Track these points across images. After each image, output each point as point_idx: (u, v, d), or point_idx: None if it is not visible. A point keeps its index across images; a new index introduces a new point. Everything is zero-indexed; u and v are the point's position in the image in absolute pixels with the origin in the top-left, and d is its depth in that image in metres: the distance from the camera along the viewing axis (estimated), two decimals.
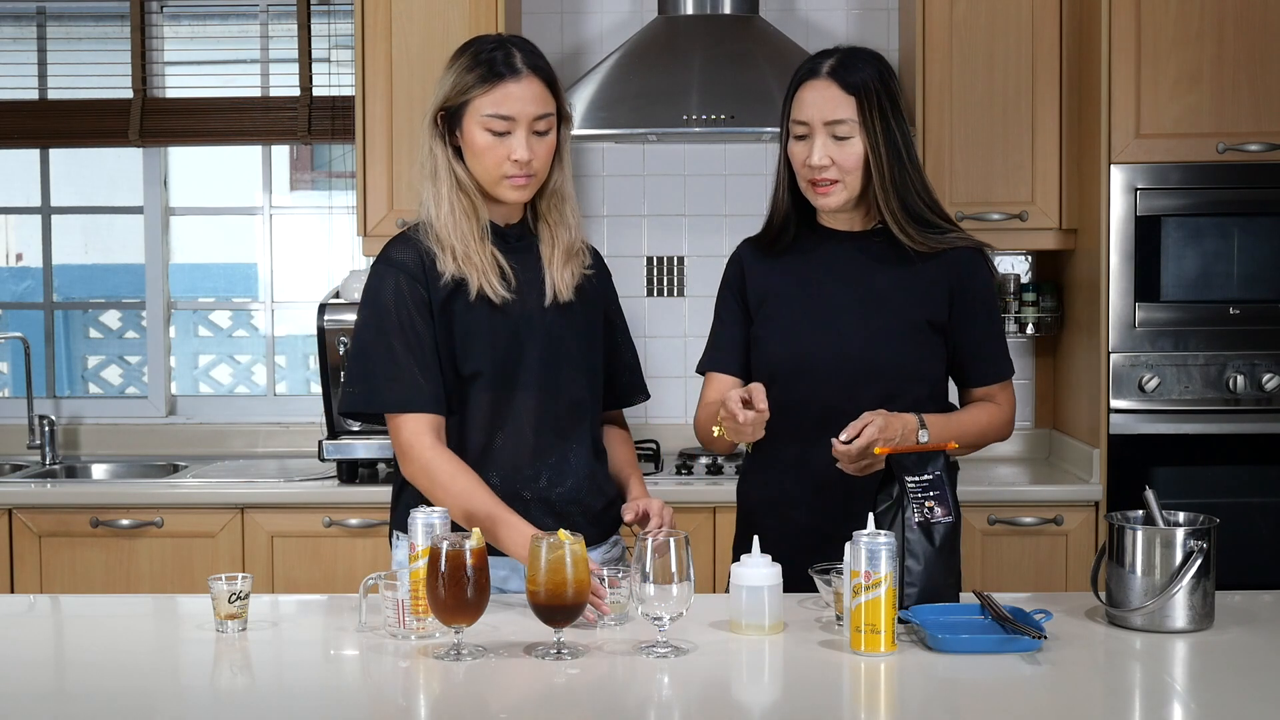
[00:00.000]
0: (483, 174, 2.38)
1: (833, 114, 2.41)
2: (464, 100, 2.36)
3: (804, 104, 2.43)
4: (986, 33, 3.76)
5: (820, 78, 2.43)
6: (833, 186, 2.43)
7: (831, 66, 2.43)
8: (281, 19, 4.33)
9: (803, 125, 2.43)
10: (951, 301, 2.47)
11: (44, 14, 4.39)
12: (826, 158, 2.41)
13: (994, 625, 2.08)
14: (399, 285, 2.38)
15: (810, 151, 2.42)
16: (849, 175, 2.42)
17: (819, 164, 2.41)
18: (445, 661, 2.01)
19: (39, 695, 1.95)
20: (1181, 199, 3.55)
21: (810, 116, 2.42)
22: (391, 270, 2.40)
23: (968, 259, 2.48)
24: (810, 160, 2.42)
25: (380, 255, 2.44)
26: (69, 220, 4.49)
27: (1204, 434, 3.56)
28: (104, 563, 3.64)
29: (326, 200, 4.45)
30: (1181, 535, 2.13)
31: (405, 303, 2.37)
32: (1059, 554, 3.59)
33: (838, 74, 2.42)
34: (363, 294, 2.45)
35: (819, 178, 2.43)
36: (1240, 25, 3.51)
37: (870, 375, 2.45)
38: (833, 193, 2.44)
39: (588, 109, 3.65)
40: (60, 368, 4.46)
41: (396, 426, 2.38)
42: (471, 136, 2.36)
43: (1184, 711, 1.87)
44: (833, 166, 2.41)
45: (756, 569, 2.11)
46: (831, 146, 2.41)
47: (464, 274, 2.37)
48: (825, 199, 2.45)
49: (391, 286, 2.39)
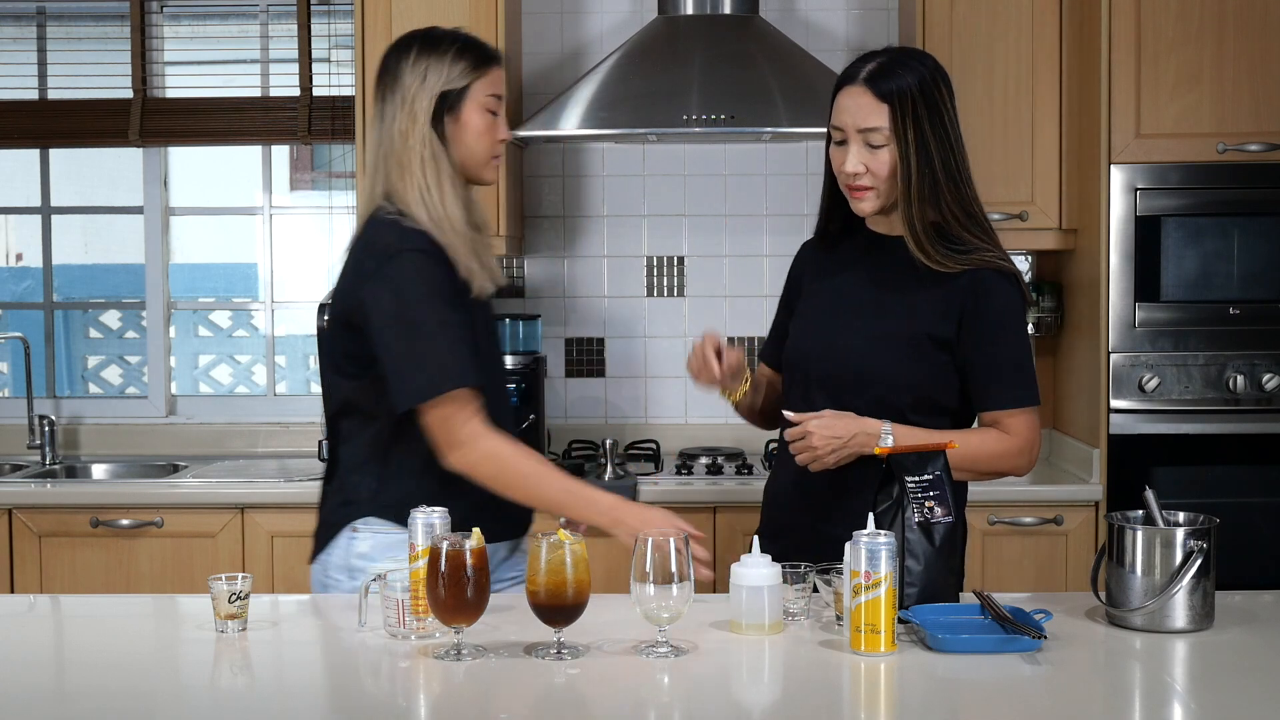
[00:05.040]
0: (478, 155, 2.47)
1: (865, 121, 2.40)
2: (465, 84, 2.44)
3: (840, 110, 2.44)
4: (986, 33, 3.76)
5: (856, 83, 2.42)
6: (867, 192, 2.43)
7: (870, 72, 2.41)
8: (281, 19, 4.33)
9: (839, 130, 2.44)
10: (961, 320, 2.41)
11: (44, 14, 4.39)
12: (860, 164, 2.41)
13: (994, 625, 2.08)
14: (436, 271, 2.38)
15: (845, 157, 2.43)
16: (882, 182, 2.42)
17: (852, 170, 2.41)
18: (445, 661, 2.01)
19: (39, 695, 1.95)
20: (1181, 199, 3.55)
21: (845, 123, 2.42)
22: (426, 257, 2.38)
23: (986, 279, 2.41)
24: (844, 166, 2.43)
25: (402, 242, 2.38)
26: (69, 220, 4.49)
27: (1204, 434, 3.56)
28: (104, 563, 3.64)
29: (326, 200, 4.45)
30: (1181, 535, 2.13)
31: (445, 288, 2.37)
32: (1059, 554, 3.59)
33: (874, 81, 2.40)
34: (399, 283, 2.37)
35: (853, 184, 2.44)
36: (1240, 25, 3.52)
37: (859, 381, 2.44)
38: (866, 198, 2.44)
39: (588, 109, 3.65)
40: (60, 368, 4.46)
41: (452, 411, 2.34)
42: (470, 119, 2.45)
43: (1184, 711, 1.87)
44: (866, 174, 2.41)
45: (756, 569, 2.11)
46: (865, 153, 2.40)
47: (469, 265, 2.42)
48: (860, 203, 2.46)
49: (441, 273, 2.38)
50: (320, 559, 2.51)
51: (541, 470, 2.39)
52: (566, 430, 4.13)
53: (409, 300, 2.36)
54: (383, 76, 2.50)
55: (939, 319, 2.43)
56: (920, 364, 2.43)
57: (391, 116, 2.46)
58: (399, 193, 2.43)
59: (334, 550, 2.48)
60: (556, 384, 4.19)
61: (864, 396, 2.42)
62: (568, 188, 4.18)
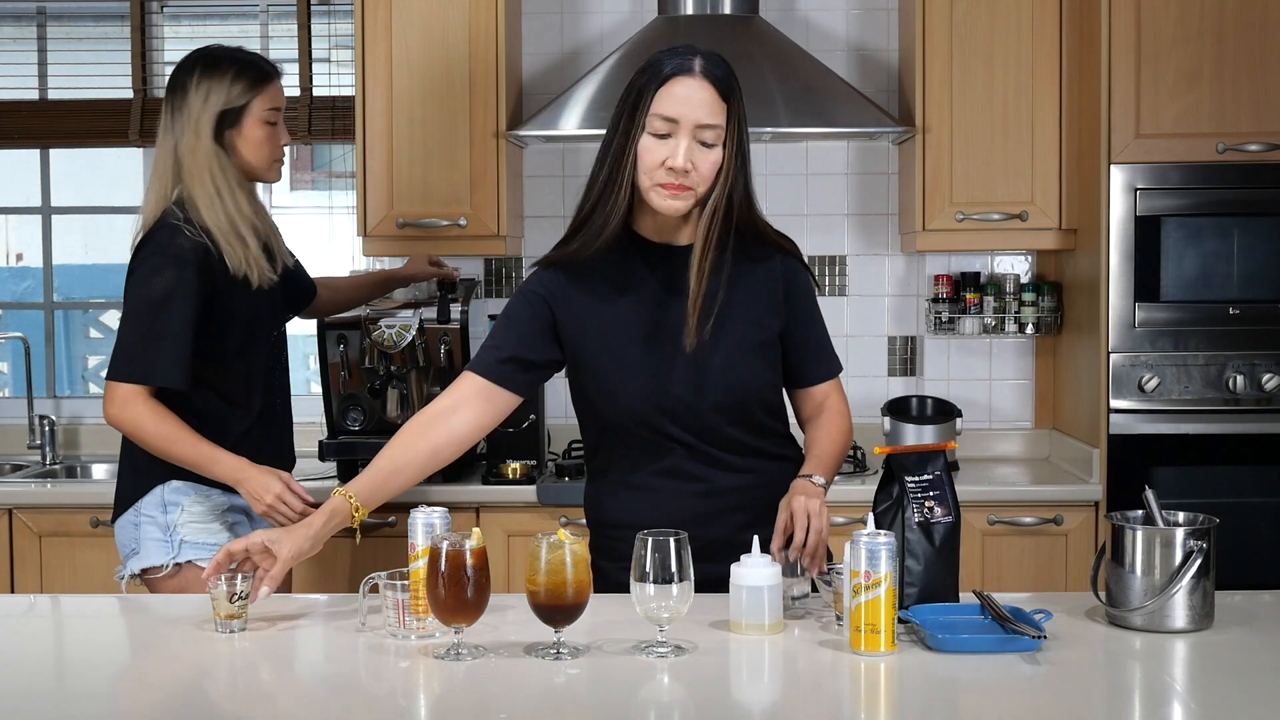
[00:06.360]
0: (260, 162, 2.90)
1: (707, 118, 2.26)
2: (245, 102, 2.86)
3: (676, 100, 2.26)
4: (986, 33, 3.76)
5: (695, 76, 2.27)
6: (685, 192, 2.30)
7: (709, 68, 2.28)
8: (281, 19, 4.34)
9: (669, 122, 2.26)
10: (781, 308, 2.45)
11: (44, 14, 4.39)
12: (689, 161, 2.27)
13: (994, 625, 2.08)
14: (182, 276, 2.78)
15: (671, 151, 2.26)
16: (703, 183, 2.30)
17: (682, 166, 2.26)
18: (445, 661, 2.01)
19: (39, 695, 1.95)
20: (1181, 199, 3.55)
21: (681, 114, 2.26)
22: (179, 264, 2.77)
23: (788, 262, 2.47)
24: (671, 161, 2.26)
25: (166, 247, 2.77)
26: (69, 220, 4.49)
27: (1204, 434, 3.57)
28: (104, 563, 3.64)
29: (326, 200, 4.45)
30: (1181, 535, 2.13)
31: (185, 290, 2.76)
32: (1059, 554, 3.59)
33: (715, 77, 2.28)
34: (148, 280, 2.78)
35: (675, 181, 2.29)
36: (1240, 25, 3.52)
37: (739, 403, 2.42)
38: (683, 197, 2.31)
39: (588, 109, 3.66)
40: (60, 368, 4.46)
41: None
42: (250, 132, 2.87)
43: (1184, 711, 1.87)
44: (692, 172, 2.28)
45: (756, 569, 2.11)
46: (695, 150, 2.27)
47: (248, 259, 2.81)
48: (672, 202, 2.31)
49: (187, 277, 2.78)
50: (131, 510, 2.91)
51: (176, 432, 2.77)
52: (567, 430, 4.12)
53: (149, 298, 2.75)
54: (171, 91, 2.89)
55: (769, 314, 2.42)
56: (772, 366, 2.44)
57: (180, 130, 2.84)
58: (189, 198, 2.81)
59: (146, 500, 2.88)
60: (556, 384, 4.17)
61: (738, 416, 2.38)
62: (567, 188, 4.18)
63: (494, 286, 4.19)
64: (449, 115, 3.79)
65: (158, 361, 2.76)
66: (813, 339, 2.49)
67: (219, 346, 2.85)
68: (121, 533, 2.90)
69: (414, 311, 3.66)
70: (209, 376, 2.85)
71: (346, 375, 3.73)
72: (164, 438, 2.77)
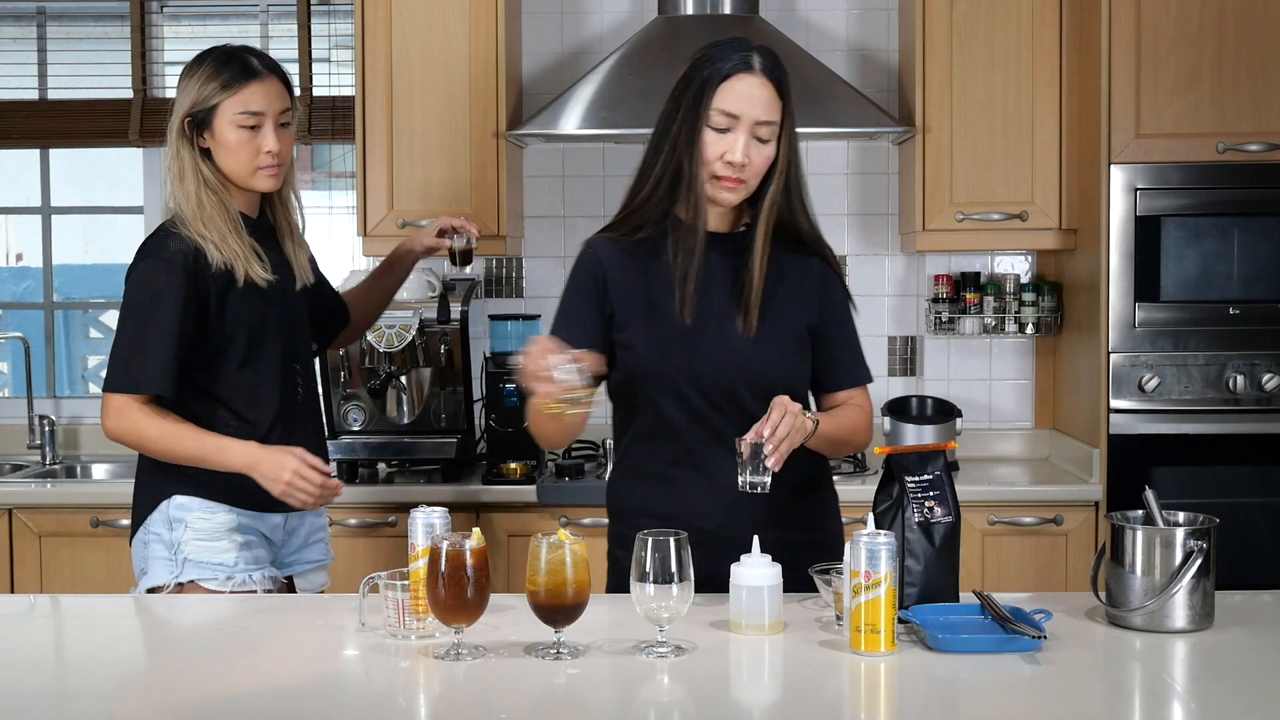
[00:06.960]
0: (238, 168, 2.69)
1: (765, 114, 2.36)
2: (214, 104, 2.67)
3: (738, 96, 2.35)
4: (986, 33, 3.76)
5: (756, 74, 2.36)
6: (739, 185, 2.40)
7: (768, 65, 2.37)
8: (281, 19, 4.34)
9: (730, 118, 2.35)
10: (819, 306, 2.51)
11: (44, 14, 4.39)
12: (746, 155, 2.36)
13: (994, 625, 2.08)
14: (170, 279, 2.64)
15: (731, 146, 2.35)
16: (755, 176, 2.40)
17: (740, 160, 2.36)
18: (445, 661, 2.01)
19: (39, 695, 1.96)
20: (1181, 199, 3.55)
21: (742, 111, 2.35)
22: (168, 266, 2.64)
23: (826, 266, 2.52)
24: (729, 155, 2.35)
25: (156, 250, 2.66)
26: (69, 220, 4.49)
27: (1204, 434, 3.57)
28: (104, 563, 3.64)
29: (326, 200, 4.45)
30: (1181, 535, 2.13)
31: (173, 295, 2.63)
32: (1059, 554, 3.59)
33: (774, 74, 2.37)
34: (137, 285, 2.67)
35: (732, 174, 2.38)
36: (1240, 25, 3.52)
37: (760, 387, 2.43)
38: (738, 190, 2.41)
39: (588, 109, 3.66)
40: (60, 368, 4.46)
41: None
42: (223, 136, 2.67)
43: (1184, 711, 1.87)
44: (748, 165, 2.37)
45: (756, 569, 2.11)
46: (752, 146, 2.36)
47: (230, 262, 2.65)
48: (728, 195, 2.41)
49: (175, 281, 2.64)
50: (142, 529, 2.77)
51: (177, 429, 2.64)
52: None
53: (138, 302, 2.66)
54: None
55: (806, 309, 2.48)
56: (803, 357, 2.48)
57: (168, 132, 2.73)
58: (175, 201, 2.71)
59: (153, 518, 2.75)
60: None
61: (766, 399, 2.36)
62: (567, 188, 4.18)
63: (494, 286, 4.19)
64: (449, 115, 3.79)
65: (145, 369, 2.65)
66: (844, 344, 2.52)
67: (220, 355, 2.72)
68: (135, 552, 2.80)
69: (414, 311, 3.66)
70: (211, 386, 2.73)
71: (346, 375, 3.73)
72: (166, 438, 2.66)
